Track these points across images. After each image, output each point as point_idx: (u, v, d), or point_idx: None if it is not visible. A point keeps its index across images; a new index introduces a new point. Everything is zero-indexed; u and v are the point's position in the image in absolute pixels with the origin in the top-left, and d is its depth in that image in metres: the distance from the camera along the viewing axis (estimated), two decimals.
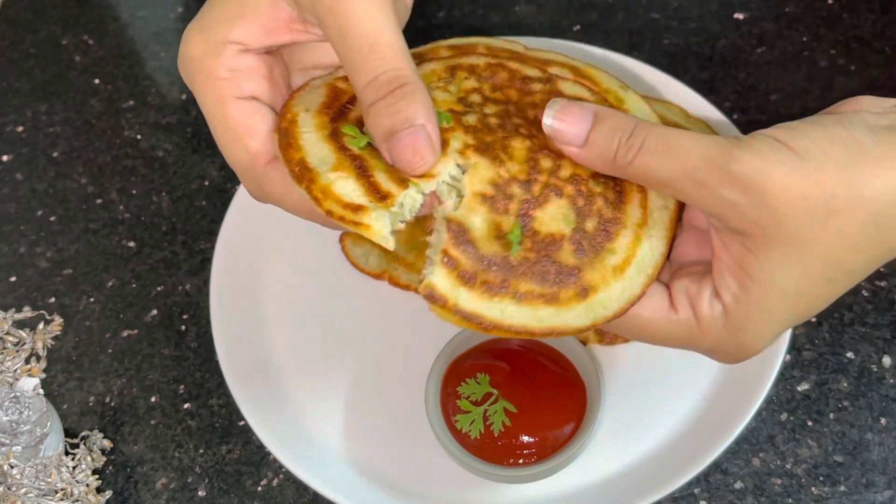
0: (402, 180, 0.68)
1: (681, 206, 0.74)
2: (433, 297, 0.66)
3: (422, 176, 0.69)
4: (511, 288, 0.67)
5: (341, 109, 0.73)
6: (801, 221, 0.61)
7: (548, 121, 0.69)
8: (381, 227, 0.66)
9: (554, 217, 0.69)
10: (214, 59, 0.70)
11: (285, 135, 0.71)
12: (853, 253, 0.63)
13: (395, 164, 0.69)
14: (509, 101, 0.76)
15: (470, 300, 0.66)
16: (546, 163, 0.71)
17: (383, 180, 0.68)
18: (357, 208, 0.66)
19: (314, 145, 0.70)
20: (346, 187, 0.67)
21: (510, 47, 0.82)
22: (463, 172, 0.71)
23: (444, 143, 0.71)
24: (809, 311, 0.66)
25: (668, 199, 0.73)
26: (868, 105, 0.67)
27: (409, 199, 0.69)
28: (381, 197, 0.67)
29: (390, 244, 0.66)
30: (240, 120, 0.71)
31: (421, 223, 0.98)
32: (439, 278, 0.66)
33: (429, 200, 0.71)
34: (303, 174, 0.68)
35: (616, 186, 0.72)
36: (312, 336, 0.96)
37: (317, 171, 0.68)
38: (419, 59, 0.79)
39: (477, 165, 0.70)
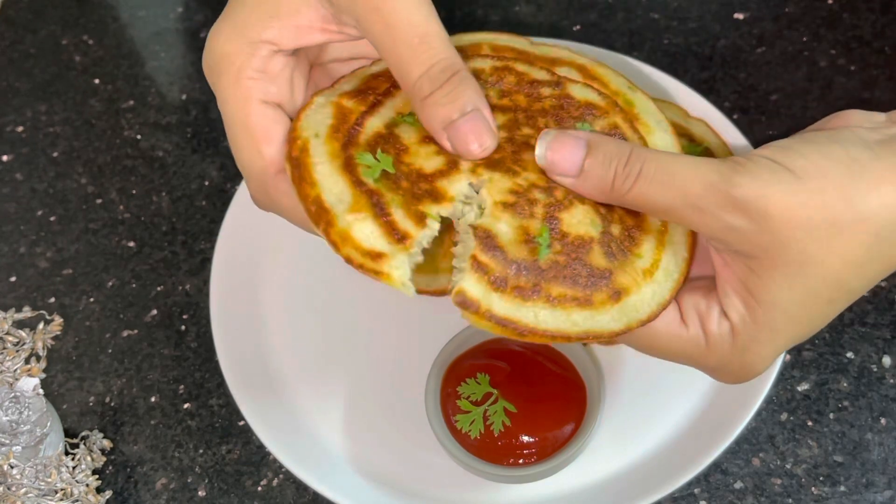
0: (419, 215, 0.67)
1: None
2: (465, 303, 0.65)
3: (438, 201, 0.68)
4: (543, 292, 0.66)
5: (350, 133, 0.72)
6: (803, 243, 0.61)
7: (540, 152, 0.69)
8: (401, 274, 0.65)
9: (581, 221, 0.69)
10: (246, 59, 0.70)
11: (298, 166, 0.69)
12: (854, 271, 0.63)
13: (456, 152, 0.69)
14: (518, 108, 0.75)
15: (503, 305, 0.65)
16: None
17: (400, 218, 0.67)
18: (377, 256, 0.65)
19: (328, 179, 0.69)
20: (365, 230, 0.66)
21: (515, 45, 0.81)
22: (476, 191, 0.70)
23: (455, 163, 0.70)
24: (810, 331, 0.66)
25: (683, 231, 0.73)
26: (858, 120, 0.67)
27: (430, 232, 0.68)
28: (400, 238, 0.66)
29: (411, 291, 0.66)
30: (260, 124, 0.70)
31: None
32: (470, 283, 0.66)
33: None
34: (319, 215, 0.67)
35: None
36: (312, 336, 0.96)
37: (334, 212, 0.67)
38: None
39: (492, 179, 0.69)
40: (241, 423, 0.93)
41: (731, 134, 0.97)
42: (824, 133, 0.65)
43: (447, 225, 0.96)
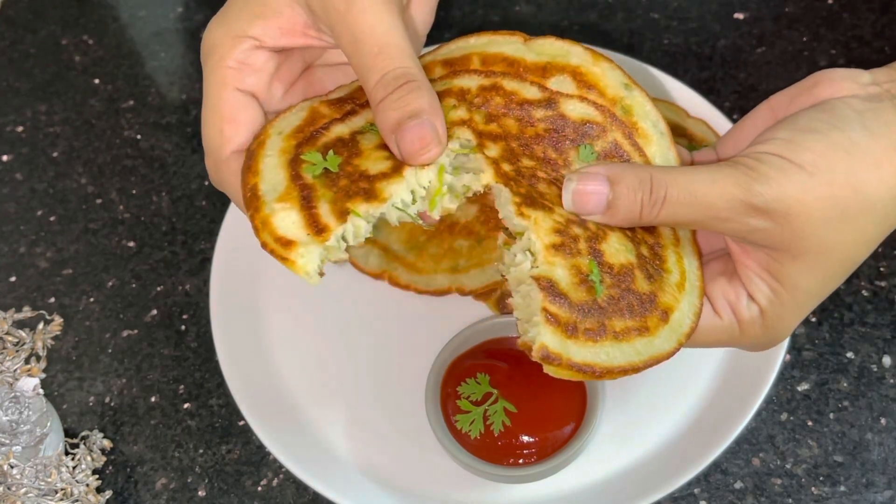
0: (343, 210, 0.69)
1: None
2: (549, 358, 0.66)
3: (369, 200, 0.69)
4: (609, 329, 0.68)
5: (313, 134, 0.74)
6: (820, 234, 0.67)
7: (568, 204, 0.72)
8: (305, 262, 0.67)
9: (618, 249, 0.71)
10: (228, 49, 0.74)
11: (249, 157, 0.73)
12: (864, 248, 0.70)
13: (402, 155, 0.71)
14: (509, 135, 0.75)
15: (579, 351, 0.67)
16: None
17: (325, 212, 0.69)
18: (287, 243, 0.67)
19: (270, 171, 0.71)
20: (287, 220, 0.68)
21: (507, 50, 0.80)
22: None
23: (399, 168, 0.71)
24: (825, 297, 0.73)
25: (688, 232, 0.76)
26: (847, 87, 0.71)
27: (354, 229, 0.69)
28: (318, 230, 0.68)
29: (312, 280, 0.68)
30: (228, 106, 0.74)
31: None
32: (549, 337, 0.66)
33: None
34: (251, 201, 0.70)
35: None
36: (312, 336, 0.96)
37: (263, 199, 0.70)
38: None
39: (536, 219, 0.70)
40: (241, 423, 0.93)
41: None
42: (823, 117, 0.69)
43: (447, 226, 0.97)
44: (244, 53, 0.75)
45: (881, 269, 0.97)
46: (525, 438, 0.82)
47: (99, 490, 0.89)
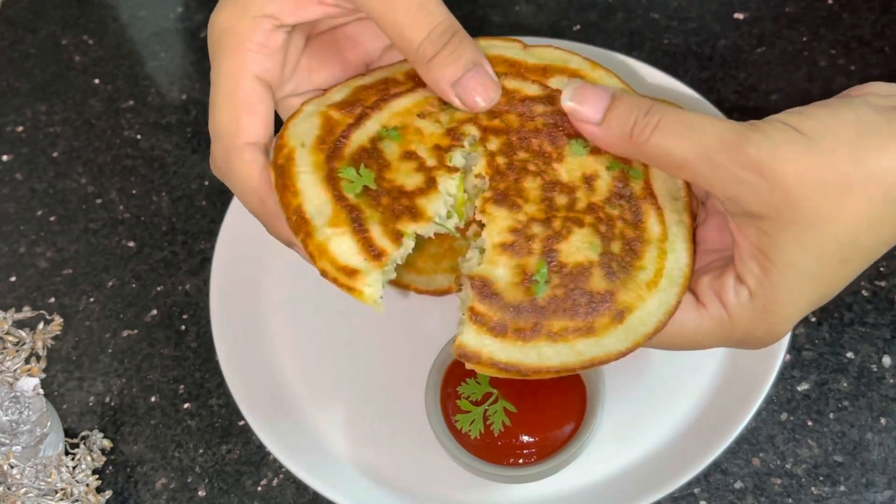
0: (396, 233, 0.69)
1: (694, 221, 0.76)
2: (466, 356, 0.67)
3: (416, 219, 0.70)
4: (544, 329, 0.67)
5: (336, 145, 0.73)
6: (814, 202, 0.63)
7: (567, 102, 0.72)
8: (373, 292, 0.67)
9: (579, 247, 0.70)
10: (248, 32, 0.72)
11: (282, 174, 0.71)
12: (866, 231, 0.64)
13: (465, 106, 0.74)
14: (510, 130, 0.75)
15: (504, 351, 0.67)
16: (561, 199, 0.72)
17: (378, 235, 0.69)
18: (352, 273, 0.67)
19: (311, 190, 0.70)
20: (342, 245, 0.68)
21: (508, 53, 0.81)
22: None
23: (434, 181, 0.71)
24: (830, 292, 0.68)
25: (681, 214, 0.75)
26: (877, 89, 0.68)
27: (404, 249, 0.69)
28: (376, 255, 0.68)
29: (381, 309, 0.68)
30: (247, 96, 0.72)
31: None
32: (469, 336, 0.67)
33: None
34: (299, 225, 0.69)
35: (632, 207, 0.73)
36: (312, 336, 0.96)
37: (314, 224, 0.69)
38: (412, 84, 0.78)
39: (495, 217, 0.70)
40: (241, 423, 0.93)
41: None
42: (841, 99, 0.67)
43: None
44: (264, 35, 0.73)
45: (881, 269, 0.97)
46: (525, 438, 0.82)
47: (99, 490, 0.89)
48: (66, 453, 0.90)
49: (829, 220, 0.63)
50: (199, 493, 0.90)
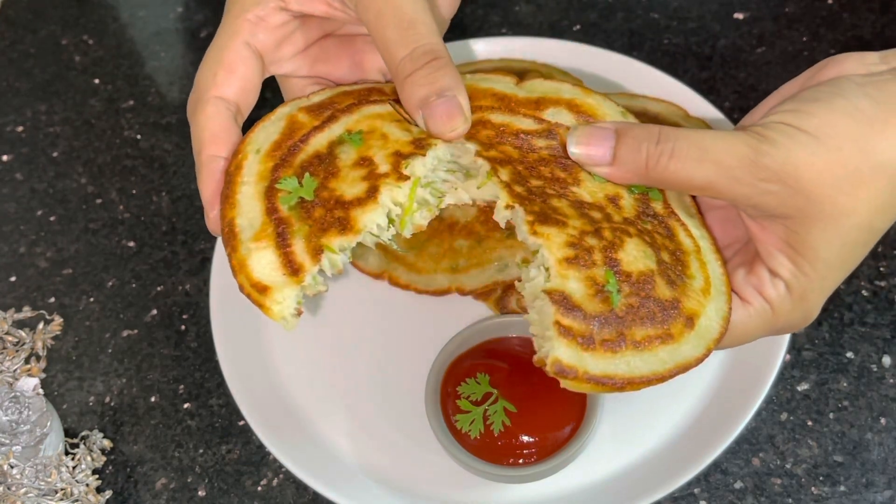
0: (317, 248, 0.69)
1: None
2: (563, 372, 0.66)
3: (345, 232, 0.70)
4: (628, 339, 0.68)
5: (291, 149, 0.75)
6: (833, 198, 0.67)
7: (573, 149, 0.73)
8: (281, 309, 0.68)
9: (637, 256, 0.70)
10: (253, 4, 0.78)
11: (228, 183, 0.74)
12: (881, 215, 0.69)
13: (429, 131, 0.73)
14: (513, 160, 0.75)
15: (596, 364, 0.66)
16: (596, 214, 0.72)
17: (300, 250, 0.69)
18: (263, 289, 0.68)
19: (247, 203, 0.72)
20: (263, 260, 0.69)
21: (496, 87, 0.80)
22: (538, 255, 0.71)
23: (375, 191, 0.71)
24: (849, 272, 0.72)
25: (701, 229, 0.76)
26: (851, 67, 0.71)
27: (330, 262, 0.70)
28: (294, 271, 0.69)
29: (288, 326, 0.69)
30: (231, 55, 0.77)
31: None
32: (562, 351, 0.66)
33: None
34: (228, 239, 0.71)
35: (661, 223, 0.74)
36: (312, 336, 0.96)
37: (240, 238, 0.71)
38: (395, 97, 0.77)
39: (549, 235, 0.70)
40: (241, 423, 0.93)
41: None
42: (825, 89, 0.69)
43: (447, 225, 0.97)
44: (265, 10, 0.77)
45: (881, 268, 0.97)
46: (525, 438, 0.82)
47: (99, 490, 0.89)
48: (66, 453, 0.90)
49: (848, 213, 0.67)
50: (199, 493, 0.90)
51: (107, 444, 0.92)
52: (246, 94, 0.78)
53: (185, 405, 0.95)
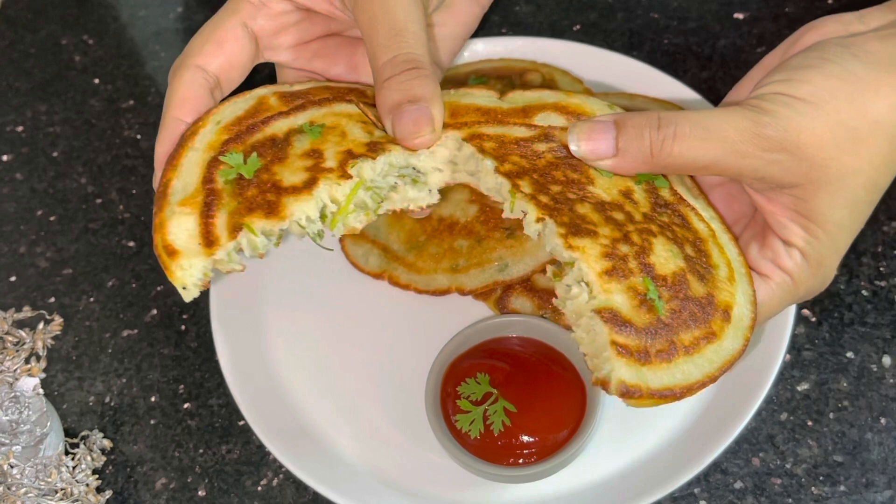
0: (237, 226, 0.69)
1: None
2: (629, 393, 0.66)
3: (271, 216, 0.70)
4: (678, 345, 0.68)
5: (250, 127, 0.75)
6: (837, 160, 0.68)
7: (574, 147, 0.73)
8: (184, 275, 0.68)
9: (666, 257, 0.71)
10: None
11: (179, 145, 0.75)
12: (884, 171, 0.71)
13: (395, 135, 0.73)
14: (526, 169, 0.74)
15: (655, 376, 0.67)
16: (619, 215, 0.72)
17: (221, 224, 0.70)
18: (172, 252, 0.69)
19: (189, 168, 0.73)
20: (183, 225, 0.70)
21: (479, 102, 0.81)
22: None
23: (313, 182, 0.71)
24: (858, 230, 0.74)
25: (708, 209, 0.76)
26: (831, 29, 0.73)
27: (249, 243, 0.70)
28: (209, 243, 0.69)
29: (186, 294, 0.69)
30: (225, 31, 0.79)
31: (422, 223, 0.98)
32: (624, 371, 0.66)
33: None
34: (159, 197, 0.72)
35: (674, 212, 0.74)
36: (312, 336, 0.96)
37: (168, 199, 0.71)
38: (373, 101, 0.78)
39: (584, 248, 0.69)
40: (241, 422, 0.93)
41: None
42: (814, 54, 0.71)
43: (447, 225, 0.97)
44: None
45: (881, 268, 0.97)
46: (525, 438, 0.82)
47: (99, 490, 0.89)
48: (66, 453, 0.90)
49: (852, 173, 0.69)
50: (199, 492, 0.90)
51: (107, 444, 0.92)
52: (230, 71, 0.79)
53: (185, 405, 0.95)
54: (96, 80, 1.22)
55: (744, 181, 0.72)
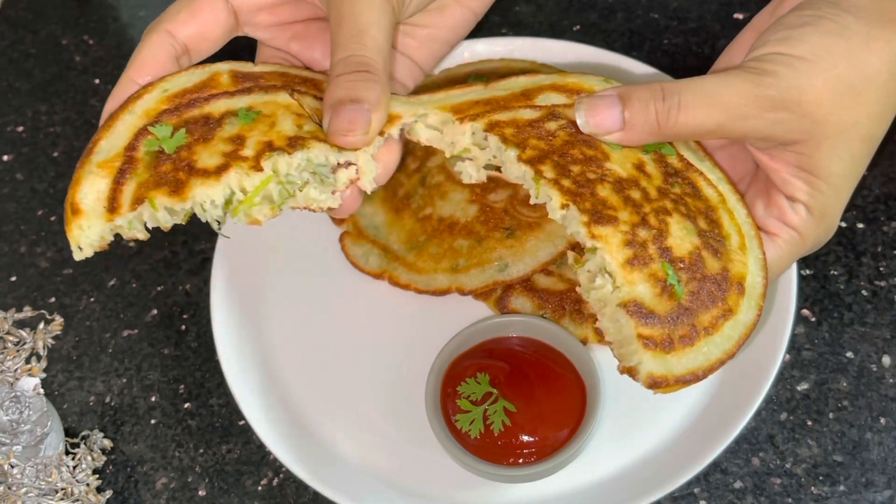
0: (141, 199, 0.71)
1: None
2: (656, 384, 0.67)
3: (173, 195, 0.71)
4: (699, 327, 0.69)
5: (192, 101, 0.76)
6: (837, 115, 0.70)
7: (582, 121, 0.74)
8: (80, 234, 0.71)
9: (682, 236, 0.71)
10: None
11: (120, 107, 0.76)
12: (878, 123, 0.73)
13: (327, 129, 0.74)
14: (545, 152, 0.74)
15: (679, 363, 0.68)
16: (635, 194, 0.73)
17: (128, 192, 0.71)
18: (77, 211, 0.71)
19: (120, 131, 0.75)
20: (93, 186, 0.72)
21: (473, 97, 0.81)
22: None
23: (224, 169, 0.72)
24: (857, 180, 0.76)
25: (715, 171, 0.78)
26: None
27: (151, 216, 0.71)
28: (113, 208, 0.71)
29: (77, 254, 0.72)
30: (202, 4, 0.81)
31: (422, 223, 0.98)
32: (651, 364, 0.67)
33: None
34: (85, 154, 0.74)
35: (684, 180, 0.75)
36: (312, 335, 0.96)
37: (91, 158, 0.73)
38: None
39: (606, 237, 0.70)
40: (241, 422, 0.93)
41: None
42: (807, 12, 0.72)
43: (447, 225, 0.97)
44: None
45: (881, 269, 0.97)
46: (525, 438, 0.82)
47: (99, 490, 0.90)
48: (67, 453, 0.90)
49: (850, 126, 0.71)
50: (200, 492, 0.90)
51: (107, 443, 0.92)
52: (201, 41, 0.80)
53: (186, 405, 0.95)
54: (97, 81, 1.22)
55: (747, 142, 0.74)
